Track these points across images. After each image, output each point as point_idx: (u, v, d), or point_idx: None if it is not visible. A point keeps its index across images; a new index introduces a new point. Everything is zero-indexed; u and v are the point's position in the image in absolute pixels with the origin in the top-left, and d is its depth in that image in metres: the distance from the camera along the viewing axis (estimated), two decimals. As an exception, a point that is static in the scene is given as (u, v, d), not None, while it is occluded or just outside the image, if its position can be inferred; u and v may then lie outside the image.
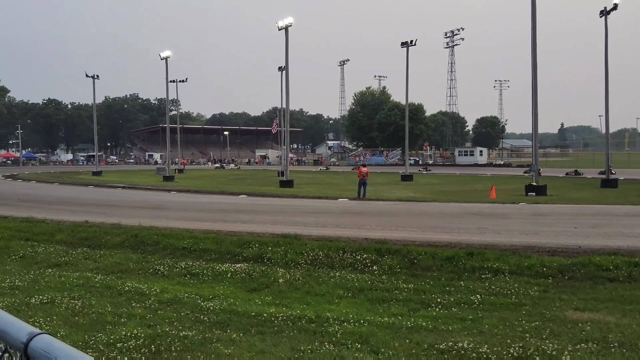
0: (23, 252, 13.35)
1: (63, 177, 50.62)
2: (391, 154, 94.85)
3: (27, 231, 15.63)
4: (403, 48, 45.29)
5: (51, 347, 0.88)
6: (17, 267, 11.98)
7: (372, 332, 7.33)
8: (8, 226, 16.26)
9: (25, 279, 10.64)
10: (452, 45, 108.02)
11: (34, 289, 9.80)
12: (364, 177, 27.03)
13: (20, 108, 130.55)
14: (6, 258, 13.04)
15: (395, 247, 12.07)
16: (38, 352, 0.89)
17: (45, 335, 0.93)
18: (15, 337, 0.96)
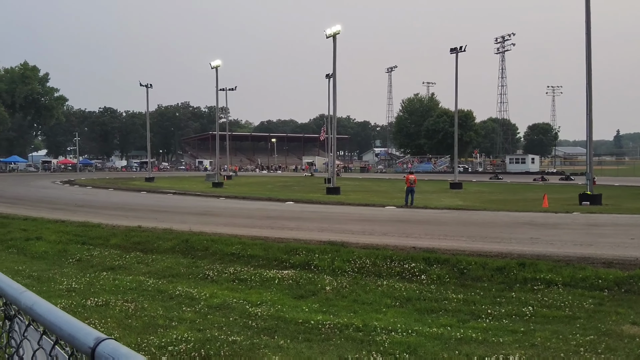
0: (79, 256, 13.84)
1: (117, 183, 52.25)
2: (439, 161, 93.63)
3: (83, 235, 16.19)
4: (452, 54, 44.73)
5: (117, 352, 0.91)
6: (74, 270, 12.41)
7: (421, 342, 7.23)
8: (66, 230, 16.88)
9: (82, 281, 11.02)
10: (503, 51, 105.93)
11: (89, 291, 10.13)
12: (411, 185, 26.74)
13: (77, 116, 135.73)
14: (64, 261, 13.55)
15: (444, 256, 11.88)
16: (105, 357, 0.92)
17: (111, 340, 0.96)
18: (83, 341, 1.00)
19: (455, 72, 44.49)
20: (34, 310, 1.24)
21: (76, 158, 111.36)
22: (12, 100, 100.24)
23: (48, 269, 12.46)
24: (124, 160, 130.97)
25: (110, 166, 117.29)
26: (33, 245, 15.24)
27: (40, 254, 14.28)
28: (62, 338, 1.10)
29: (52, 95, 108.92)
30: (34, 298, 1.28)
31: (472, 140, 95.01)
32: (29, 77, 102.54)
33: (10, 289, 1.39)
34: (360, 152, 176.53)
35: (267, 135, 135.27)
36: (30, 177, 70.46)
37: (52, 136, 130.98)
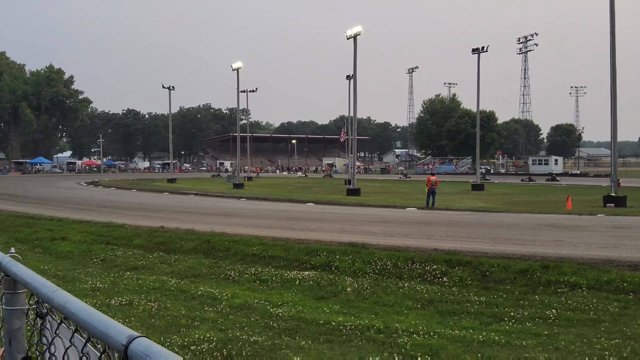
0: (104, 256, 14.04)
1: (140, 184, 52.88)
2: (461, 162, 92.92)
3: (107, 235, 16.42)
4: (474, 54, 44.37)
5: (150, 350, 0.93)
6: (98, 270, 12.60)
7: (443, 345, 7.19)
8: (90, 230, 17.14)
9: (106, 281, 11.18)
10: (526, 51, 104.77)
11: (113, 290, 10.27)
12: (433, 186, 26.55)
13: (101, 118, 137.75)
14: (88, 261, 13.76)
15: (466, 258, 11.79)
16: (138, 355, 0.94)
17: (143, 338, 0.98)
18: (116, 339, 1.02)
19: (477, 72, 44.12)
20: (67, 309, 1.27)
21: (100, 159, 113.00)
22: (38, 103, 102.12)
23: (73, 268, 12.67)
24: (146, 162, 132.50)
25: (134, 167, 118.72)
26: (58, 245, 15.50)
27: (66, 254, 14.52)
28: (95, 336, 1.13)
29: (77, 97, 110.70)
30: (66, 296, 1.31)
31: (494, 141, 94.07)
32: (54, 80, 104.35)
33: (43, 288, 1.43)
34: (380, 154, 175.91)
35: (288, 137, 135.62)
36: (56, 178, 71.70)
37: (76, 138, 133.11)
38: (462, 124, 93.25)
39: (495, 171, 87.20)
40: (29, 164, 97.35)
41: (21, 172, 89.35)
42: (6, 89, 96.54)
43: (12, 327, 1.71)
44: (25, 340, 1.75)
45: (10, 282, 1.72)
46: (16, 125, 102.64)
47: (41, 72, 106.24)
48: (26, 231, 17.75)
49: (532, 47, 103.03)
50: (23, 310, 1.72)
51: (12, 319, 1.71)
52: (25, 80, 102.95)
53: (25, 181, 58.32)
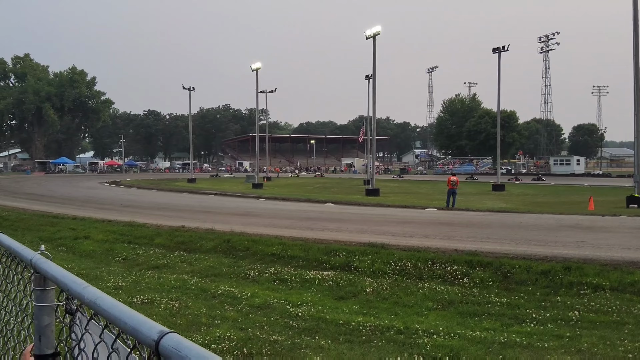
0: (126, 255, 14.21)
1: (161, 184, 53.38)
2: (481, 162, 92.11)
3: (129, 234, 16.62)
4: (495, 54, 43.98)
5: (181, 345, 0.94)
6: (121, 269, 12.77)
7: (463, 346, 7.15)
8: (112, 230, 17.36)
9: (128, 279, 11.32)
10: (547, 50, 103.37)
11: (135, 289, 10.40)
12: (453, 187, 26.34)
13: (123, 119, 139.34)
14: (110, 260, 13.94)
15: (487, 259, 11.70)
16: (169, 350, 0.96)
17: (174, 334, 0.99)
18: (147, 334, 1.03)
19: (497, 72, 43.72)
20: (98, 305, 1.29)
21: (122, 159, 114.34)
22: (61, 104, 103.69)
23: (96, 267, 12.85)
24: (167, 162, 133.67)
25: (154, 167, 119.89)
26: (81, 244, 15.73)
27: (88, 253, 14.73)
28: (126, 331, 1.15)
29: (99, 98, 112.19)
30: (97, 293, 1.33)
31: (515, 141, 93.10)
32: (77, 81, 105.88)
33: (73, 284, 1.46)
34: (399, 154, 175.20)
35: (306, 137, 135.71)
36: (78, 178, 72.73)
37: (98, 138, 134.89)
38: (482, 124, 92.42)
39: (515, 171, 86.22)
40: (53, 164, 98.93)
41: (45, 172, 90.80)
42: (30, 90, 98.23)
43: (41, 323, 1.75)
44: (54, 337, 1.78)
45: (40, 279, 1.75)
46: (40, 126, 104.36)
47: (64, 74, 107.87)
48: (50, 230, 18.04)
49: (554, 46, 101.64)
50: (52, 307, 1.75)
51: (41, 316, 1.74)
52: (48, 82, 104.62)
53: (49, 181, 59.28)
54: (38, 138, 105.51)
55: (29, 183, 53.68)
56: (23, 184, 52.25)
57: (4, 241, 2.32)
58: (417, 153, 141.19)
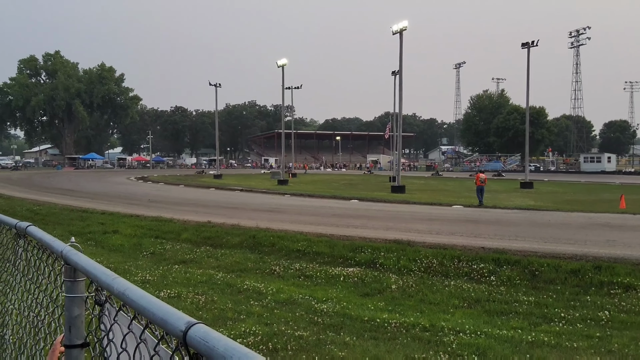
0: (153, 249, 14.40)
1: (187, 179, 53.95)
2: (509, 159, 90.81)
3: (156, 229, 16.84)
4: (524, 49, 43.26)
5: (209, 336, 0.94)
6: (148, 263, 12.94)
7: (490, 345, 7.07)
8: (140, 224, 17.61)
9: (155, 273, 11.47)
10: (577, 45, 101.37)
11: (162, 283, 10.53)
12: (482, 184, 25.95)
13: (151, 115, 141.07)
14: (138, 254, 14.14)
15: (515, 257, 11.55)
16: (197, 340, 0.95)
17: (202, 324, 0.99)
18: (175, 325, 1.04)
19: (526, 67, 42.98)
20: (127, 296, 1.30)
21: (149, 155, 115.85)
22: (91, 100, 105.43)
23: (124, 261, 13.04)
24: (193, 158, 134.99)
25: (181, 163, 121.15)
26: (110, 238, 15.99)
27: (117, 247, 14.97)
28: (155, 322, 1.15)
29: (127, 95, 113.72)
30: (126, 284, 1.34)
31: (544, 138, 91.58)
32: (105, 78, 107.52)
33: (103, 276, 1.47)
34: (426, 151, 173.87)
35: (332, 134, 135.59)
36: (107, 173, 73.99)
37: (127, 134, 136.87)
38: (510, 120, 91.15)
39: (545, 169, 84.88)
40: (82, 159, 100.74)
41: (74, 168, 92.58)
42: (61, 87, 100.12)
43: (71, 314, 1.77)
44: (84, 327, 1.81)
45: (70, 271, 1.77)
46: (70, 122, 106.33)
47: (93, 71, 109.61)
48: (79, 225, 18.38)
49: (585, 41, 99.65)
50: (82, 298, 1.78)
51: (72, 307, 1.77)
52: (78, 78, 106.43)
53: (79, 176, 60.42)
54: (68, 134, 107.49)
55: (60, 178, 54.79)
56: (53, 179, 53.36)
57: (35, 234, 2.36)
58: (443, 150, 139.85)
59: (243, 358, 0.86)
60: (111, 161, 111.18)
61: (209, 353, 0.92)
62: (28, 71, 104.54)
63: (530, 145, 49.47)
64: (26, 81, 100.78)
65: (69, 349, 1.78)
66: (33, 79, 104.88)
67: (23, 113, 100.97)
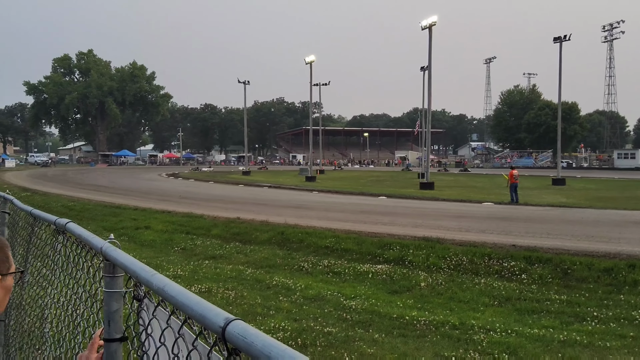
0: (184, 245, 14.62)
1: (217, 176, 54.51)
2: (541, 156, 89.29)
3: (187, 225, 17.08)
4: (556, 43, 42.43)
5: (247, 332, 0.97)
6: (179, 258, 13.15)
7: (521, 343, 7.00)
8: (172, 220, 17.89)
9: (186, 269, 11.65)
10: (611, 39, 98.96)
11: (193, 278, 10.69)
12: (515, 180, 25.48)
13: (181, 112, 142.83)
14: (169, 249, 14.38)
15: (547, 255, 11.38)
16: (235, 336, 0.98)
17: (240, 321, 1.02)
18: (214, 321, 1.07)
19: (559, 62, 42.15)
20: (166, 292, 1.34)
21: (180, 152, 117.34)
22: (123, 98, 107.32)
23: (156, 256, 13.28)
24: (222, 155, 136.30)
25: (210, 160, 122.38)
26: (142, 233, 16.29)
27: (149, 242, 15.24)
28: (193, 317, 1.19)
29: (158, 92, 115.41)
30: (165, 280, 1.38)
31: (577, 134, 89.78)
32: (137, 76, 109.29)
33: (142, 272, 1.51)
34: (455, 147, 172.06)
35: (360, 130, 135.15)
36: (139, 170, 75.25)
37: (158, 131, 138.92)
38: (542, 116, 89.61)
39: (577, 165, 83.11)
40: (115, 156, 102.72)
41: (107, 164, 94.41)
42: (94, 85, 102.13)
43: (110, 308, 1.83)
44: (122, 322, 1.86)
45: (109, 266, 1.83)
46: (103, 119, 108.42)
47: (125, 69, 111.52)
48: (112, 220, 18.76)
49: (618, 35, 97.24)
50: (121, 293, 1.83)
51: (111, 301, 1.82)
52: (111, 77, 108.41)
53: (111, 173, 61.60)
54: (101, 131, 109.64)
55: (93, 174, 55.94)
56: (87, 175, 54.51)
57: (75, 230, 2.43)
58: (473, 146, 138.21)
59: (281, 354, 0.89)
60: (143, 158, 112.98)
61: (248, 349, 0.95)
62: (62, 70, 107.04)
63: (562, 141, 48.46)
64: (60, 79, 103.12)
65: (108, 343, 1.83)
66: (67, 77, 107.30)
67: (57, 111, 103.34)
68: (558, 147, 45.92)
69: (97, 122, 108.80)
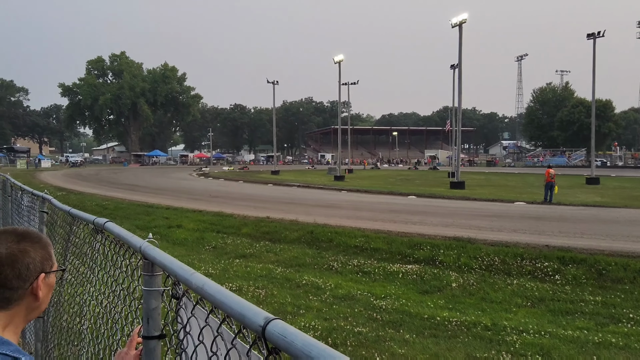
0: (215, 243, 14.78)
1: (246, 175, 54.94)
2: (574, 154, 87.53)
3: (218, 224, 17.26)
4: (589, 40, 41.52)
5: (287, 331, 0.99)
6: (210, 257, 13.30)
7: (555, 345, 6.88)
8: (203, 219, 18.10)
9: (217, 267, 11.78)
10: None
11: (224, 276, 10.80)
12: (552, 179, 24.92)
13: (211, 113, 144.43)
14: (201, 248, 14.55)
15: (581, 255, 11.16)
16: (275, 335, 1.00)
17: (279, 320, 1.04)
18: (253, 320, 1.09)
19: (592, 59, 41.25)
20: (205, 290, 1.37)
21: (210, 152, 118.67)
22: (154, 99, 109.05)
23: (187, 254, 13.45)
24: (251, 154, 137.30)
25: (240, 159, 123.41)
26: (174, 232, 16.52)
27: (181, 241, 15.45)
28: (232, 316, 1.21)
29: (189, 93, 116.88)
30: (203, 279, 1.41)
31: (611, 131, 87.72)
32: (168, 77, 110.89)
33: (181, 271, 1.55)
34: (486, 145, 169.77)
35: (389, 129, 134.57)
36: (170, 169, 76.35)
37: (188, 132, 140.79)
38: (575, 114, 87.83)
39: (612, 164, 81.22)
40: (147, 156, 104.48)
41: (139, 164, 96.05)
42: (126, 87, 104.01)
43: (149, 306, 1.87)
44: (160, 319, 1.90)
45: (148, 265, 1.87)
46: (135, 120, 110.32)
47: (157, 70, 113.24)
48: (145, 219, 19.06)
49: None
50: (159, 291, 1.87)
51: (149, 299, 1.86)
52: (143, 78, 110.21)
53: (144, 172, 62.64)
54: (133, 132, 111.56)
55: (126, 174, 56.95)
56: (120, 174, 55.54)
57: (113, 229, 2.49)
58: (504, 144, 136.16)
59: (322, 354, 0.91)
60: (174, 158, 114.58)
61: (288, 348, 0.97)
62: (96, 71, 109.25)
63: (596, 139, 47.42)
64: (94, 81, 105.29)
65: (147, 340, 1.87)
66: (100, 79, 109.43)
67: (91, 112, 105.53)
68: (592, 145, 44.95)
69: (130, 122, 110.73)
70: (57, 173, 57.26)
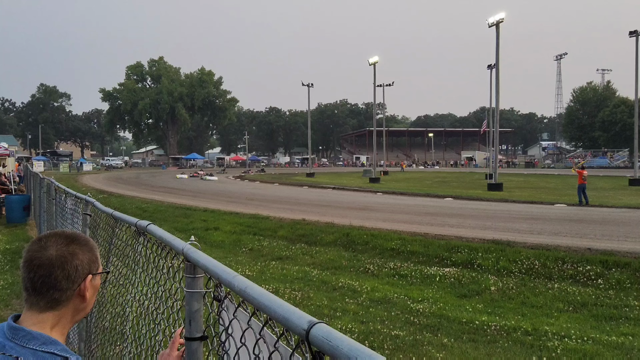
0: (251, 245, 14.91)
1: (281, 178, 55.27)
2: (616, 155, 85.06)
3: (254, 226, 17.40)
4: (632, 37, 40.32)
5: (331, 335, 0.98)
6: (247, 259, 13.42)
7: (598, 351, 6.70)
8: (239, 222, 18.28)
9: (254, 269, 11.88)
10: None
11: (261, 279, 10.88)
12: (584, 182, 24.39)
13: (247, 116, 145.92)
14: (238, 250, 14.70)
15: (625, 259, 10.83)
16: (320, 339, 1.00)
17: (324, 324, 1.04)
18: (297, 324, 1.09)
19: (635, 57, 40.04)
20: (247, 293, 1.38)
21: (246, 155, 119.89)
22: (192, 103, 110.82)
23: (225, 256, 13.60)
24: (287, 157, 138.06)
25: (275, 162, 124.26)
26: (211, 234, 16.74)
27: (218, 243, 15.64)
28: (276, 319, 1.21)
29: (225, 97, 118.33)
30: (246, 282, 1.42)
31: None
32: (205, 81, 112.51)
33: (223, 273, 1.57)
34: (524, 146, 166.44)
35: (424, 130, 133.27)
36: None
37: (225, 135, 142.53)
38: (617, 114, 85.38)
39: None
40: (184, 159, 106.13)
41: (177, 167, 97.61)
42: (165, 91, 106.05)
43: (191, 308, 1.90)
44: (202, 321, 1.92)
45: (190, 267, 1.90)
46: (173, 124, 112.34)
47: (194, 75, 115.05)
48: (184, 221, 19.38)
49: None
50: (201, 294, 1.90)
51: (192, 301, 1.89)
52: (180, 83, 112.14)
53: (181, 175, 63.55)
54: (172, 135, 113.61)
55: (164, 177, 57.99)
56: (159, 177, 56.59)
57: (155, 232, 2.54)
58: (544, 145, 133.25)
59: (367, 359, 0.90)
60: (211, 161, 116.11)
61: (333, 352, 0.96)
62: (135, 77, 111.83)
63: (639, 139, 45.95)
64: (133, 86, 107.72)
65: (189, 342, 1.90)
66: (139, 84, 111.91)
67: (131, 116, 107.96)
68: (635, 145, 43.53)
69: (168, 126, 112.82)
70: (98, 176, 58.71)
